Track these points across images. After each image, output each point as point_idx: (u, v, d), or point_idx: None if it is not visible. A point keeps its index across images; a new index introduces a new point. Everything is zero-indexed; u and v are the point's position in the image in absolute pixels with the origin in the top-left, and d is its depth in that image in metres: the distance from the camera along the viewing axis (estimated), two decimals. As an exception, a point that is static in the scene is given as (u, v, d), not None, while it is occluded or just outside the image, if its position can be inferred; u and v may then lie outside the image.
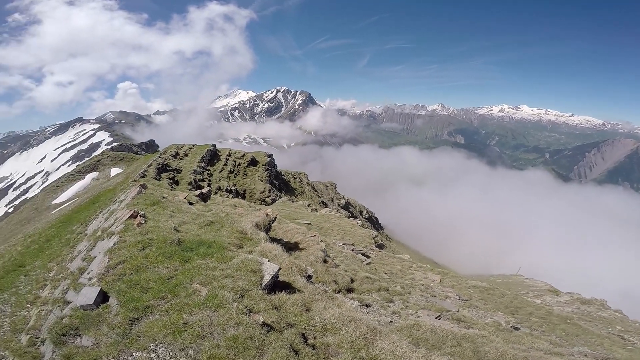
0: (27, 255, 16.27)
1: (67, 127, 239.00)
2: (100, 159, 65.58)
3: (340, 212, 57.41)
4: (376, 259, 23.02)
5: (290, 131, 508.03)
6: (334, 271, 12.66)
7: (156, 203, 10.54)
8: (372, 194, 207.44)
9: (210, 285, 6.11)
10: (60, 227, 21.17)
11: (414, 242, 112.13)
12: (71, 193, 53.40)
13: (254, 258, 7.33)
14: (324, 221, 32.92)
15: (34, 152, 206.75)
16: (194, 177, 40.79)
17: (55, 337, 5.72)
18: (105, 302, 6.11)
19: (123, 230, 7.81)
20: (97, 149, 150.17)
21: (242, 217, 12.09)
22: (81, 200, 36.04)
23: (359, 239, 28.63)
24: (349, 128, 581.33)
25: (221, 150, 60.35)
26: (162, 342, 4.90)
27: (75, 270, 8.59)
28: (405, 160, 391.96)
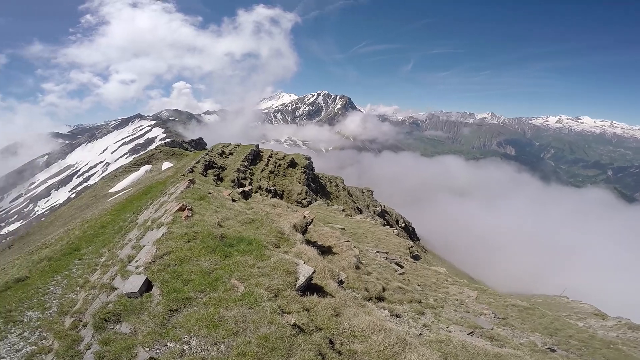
0: (83, 240, 17.36)
1: (128, 122, 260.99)
2: (154, 153, 70.62)
3: (375, 219, 56.41)
4: (410, 269, 22.39)
5: (328, 135, 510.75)
6: (365, 278, 12.48)
7: (202, 198, 10.96)
8: (410, 203, 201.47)
9: (247, 282, 6.20)
10: (115, 215, 22.71)
11: (451, 255, 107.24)
12: (126, 183, 58.00)
13: (291, 259, 7.34)
14: (358, 227, 32.53)
15: (98, 144, 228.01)
16: (237, 175, 42.38)
17: (97, 322, 5.96)
18: (149, 291, 6.32)
19: (171, 222, 8.16)
20: (152, 144, 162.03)
21: (281, 217, 12.22)
22: (134, 191, 38.94)
23: (394, 248, 27.94)
24: (390, 134, 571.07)
25: (263, 151, 62.17)
26: (197, 335, 4.98)
27: (124, 257, 9.07)
28: (449, 170, 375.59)
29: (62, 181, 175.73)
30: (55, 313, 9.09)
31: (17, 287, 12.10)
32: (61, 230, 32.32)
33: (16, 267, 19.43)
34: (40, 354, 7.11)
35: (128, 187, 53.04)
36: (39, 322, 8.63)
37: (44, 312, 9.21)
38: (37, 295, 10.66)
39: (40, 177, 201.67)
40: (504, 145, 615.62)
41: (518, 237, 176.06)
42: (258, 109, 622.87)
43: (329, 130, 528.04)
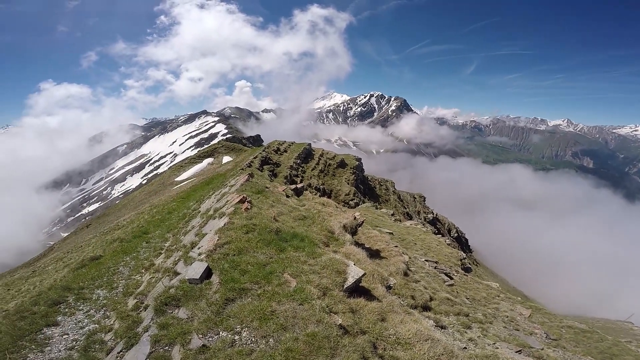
0: (151, 224, 18.66)
1: (194, 117, 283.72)
2: (216, 147, 75.79)
3: (426, 226, 54.16)
4: (459, 281, 21.31)
5: (380, 137, 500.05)
6: (413, 286, 12.15)
7: (260, 192, 11.47)
8: (465, 212, 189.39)
9: (299, 279, 6.31)
10: (180, 203, 24.55)
11: (506, 270, 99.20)
12: (191, 173, 63.01)
13: (341, 259, 7.34)
14: (407, 233, 31.53)
15: (168, 136, 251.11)
16: (289, 172, 43.70)
17: (157, 306, 6.21)
18: (209, 278, 6.57)
19: (232, 213, 8.65)
20: (215, 139, 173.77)
21: (331, 216, 12.34)
22: (198, 181, 42.16)
23: (444, 258, 26.68)
24: (448, 138, 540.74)
25: (315, 150, 63.17)
26: (248, 326, 5.11)
27: (187, 243, 9.47)
28: (514, 180, 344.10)
29: (137, 168, 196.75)
30: (120, 293, 9.49)
31: (91, 265, 13.27)
32: (132, 213, 36.14)
33: (92, 245, 22.03)
34: (101, 333, 7.41)
35: (192, 177, 57.57)
36: (105, 301, 9.13)
37: (111, 292, 9.72)
38: (107, 274, 11.31)
39: (119, 163, 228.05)
40: (581, 157, 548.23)
41: (586, 257, 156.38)
42: (311, 108, 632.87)
43: (381, 132, 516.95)
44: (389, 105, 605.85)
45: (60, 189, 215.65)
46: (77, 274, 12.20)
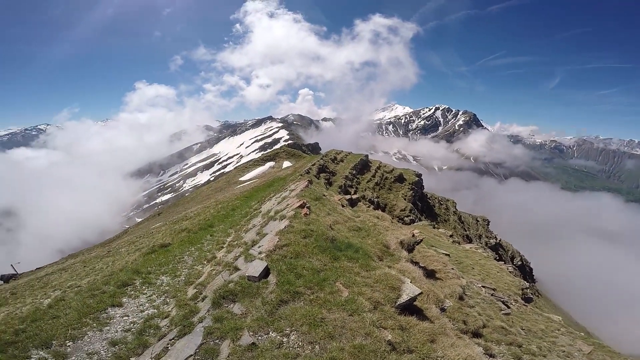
0: (216, 218, 19.68)
1: (261, 123, 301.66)
2: (278, 152, 79.54)
3: (486, 251, 50.06)
4: (517, 311, 19.85)
5: (444, 153, 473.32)
6: (467, 311, 11.52)
7: (318, 199, 11.80)
8: (533, 240, 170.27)
9: (351, 289, 6.30)
10: (243, 201, 26.00)
11: (571, 304, 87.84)
12: (253, 174, 66.86)
13: (397, 275, 7.20)
14: (465, 256, 29.63)
15: (237, 139, 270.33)
16: (344, 182, 43.96)
17: (215, 298, 6.40)
18: (266, 277, 6.78)
19: (293, 217, 9.04)
20: (277, 144, 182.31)
21: (388, 231, 12.18)
22: (259, 182, 44.59)
23: (504, 286, 24.81)
24: (522, 159, 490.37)
25: (372, 162, 62.59)
26: (297, 330, 5.14)
27: (248, 241, 9.89)
28: (599, 210, 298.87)
29: (207, 165, 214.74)
30: (182, 282, 9.73)
31: (160, 251, 14.14)
32: (199, 206, 39.42)
33: (162, 233, 24.24)
34: (158, 318, 7.57)
35: (254, 178, 61.05)
36: (168, 287, 9.49)
37: (174, 279, 10.11)
38: (173, 262, 11.82)
39: (193, 160, 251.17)
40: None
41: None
42: (370, 119, 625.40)
43: (445, 148, 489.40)
44: (455, 120, 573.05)
45: (142, 178, 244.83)
46: (147, 259, 13.02)
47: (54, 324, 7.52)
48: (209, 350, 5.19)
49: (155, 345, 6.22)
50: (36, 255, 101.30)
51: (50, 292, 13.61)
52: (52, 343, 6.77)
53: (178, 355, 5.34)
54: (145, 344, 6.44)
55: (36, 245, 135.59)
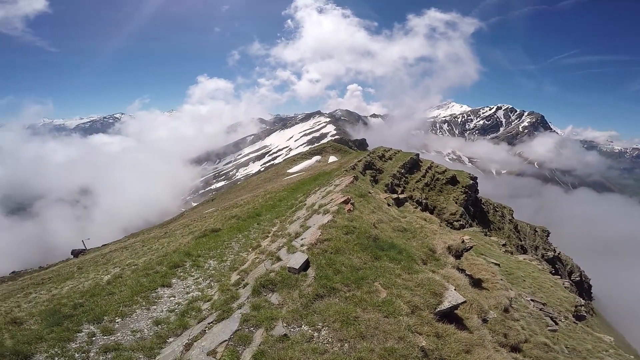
0: (263, 208, 20.42)
1: (309, 117, 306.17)
2: (325, 147, 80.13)
3: (542, 263, 45.88)
4: (565, 329, 18.85)
5: (505, 156, 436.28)
6: (510, 324, 10.92)
7: (363, 196, 11.58)
8: (598, 256, 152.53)
9: (389, 291, 6.11)
10: (289, 193, 26.63)
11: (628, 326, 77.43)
12: (300, 167, 68.19)
13: (440, 281, 6.85)
14: (517, 268, 27.76)
15: (287, 132, 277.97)
16: (391, 181, 42.81)
17: (256, 286, 6.55)
18: (306, 270, 6.82)
19: (336, 212, 8.97)
20: (324, 138, 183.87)
21: (435, 234, 11.59)
22: (306, 175, 45.33)
23: (556, 301, 23.28)
24: (596, 167, 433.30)
25: (423, 161, 60.14)
26: (329, 326, 5.10)
27: (292, 232, 10.02)
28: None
29: (258, 157, 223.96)
30: (227, 267, 10.02)
31: (210, 236, 14.91)
32: (249, 195, 41.17)
33: (213, 218, 25.68)
34: (201, 301, 7.83)
35: (301, 171, 62.23)
36: (214, 271, 9.88)
37: (220, 264, 10.52)
38: (221, 247, 12.34)
39: (246, 150, 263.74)
40: None
41: None
42: (423, 116, 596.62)
43: (506, 151, 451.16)
44: (520, 121, 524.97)
45: (200, 165, 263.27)
46: (198, 242, 13.74)
47: (108, 300, 8.11)
48: (242, 337, 5.32)
49: (194, 327, 6.41)
50: (104, 232, 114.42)
51: (111, 268, 14.90)
52: (103, 318, 7.24)
53: (213, 340, 5.48)
54: (186, 326, 6.70)
55: (105, 222, 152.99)
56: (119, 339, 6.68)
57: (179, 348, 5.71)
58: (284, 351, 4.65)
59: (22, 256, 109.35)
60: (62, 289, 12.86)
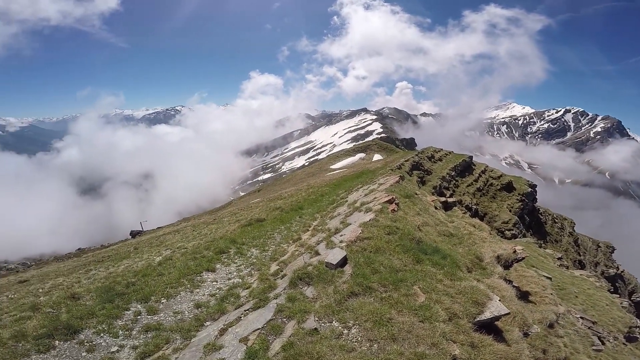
0: (306, 202, 20.76)
1: (355, 114, 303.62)
2: (370, 144, 78.97)
3: (600, 281, 41.12)
4: (611, 349, 17.49)
5: (570, 163, 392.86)
6: (552, 340, 10.19)
7: (409, 197, 11.21)
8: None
9: (428, 295, 5.92)
10: (331, 188, 26.73)
11: None
12: (343, 164, 68.02)
13: (484, 290, 6.47)
14: (571, 283, 25.73)
15: (332, 128, 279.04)
16: (440, 183, 40.95)
17: (293, 278, 6.65)
18: (343, 266, 6.81)
19: (379, 211, 8.81)
20: (369, 136, 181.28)
21: (485, 242, 10.89)
22: (348, 172, 45.13)
23: (608, 320, 21.68)
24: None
25: (476, 165, 56.67)
26: (360, 325, 5.06)
27: (332, 228, 10.09)
28: None
29: (303, 151, 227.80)
30: (268, 257, 10.23)
31: (255, 225, 15.41)
32: (293, 188, 42.04)
33: (259, 208, 26.61)
34: (240, 288, 8.00)
35: (344, 167, 62.10)
36: (255, 260, 10.14)
37: (262, 253, 10.78)
38: (264, 237, 12.67)
39: (292, 145, 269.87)
40: None
41: None
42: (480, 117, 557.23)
43: (573, 158, 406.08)
44: (591, 126, 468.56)
45: (250, 157, 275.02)
46: (243, 231, 14.23)
47: (157, 281, 8.58)
48: (275, 327, 5.39)
49: (231, 313, 6.59)
50: (161, 214, 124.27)
51: (163, 250, 15.82)
52: (150, 298, 7.64)
53: (247, 327, 5.59)
54: (223, 311, 6.90)
55: (163, 205, 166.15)
56: (161, 319, 6.98)
57: (214, 332, 5.85)
58: (312, 345, 4.67)
59: (89, 234, 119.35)
60: (118, 268, 13.64)
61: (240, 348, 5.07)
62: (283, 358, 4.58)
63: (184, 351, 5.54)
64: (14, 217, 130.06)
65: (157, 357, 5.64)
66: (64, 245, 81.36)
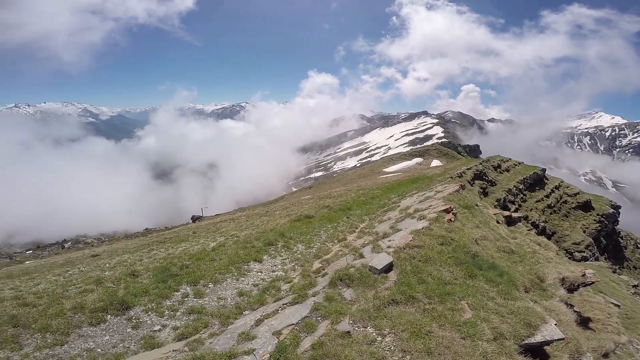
0: (355, 203, 20.73)
1: (414, 117, 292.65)
2: (429, 149, 75.71)
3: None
4: None
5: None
6: None
7: (468, 207, 10.64)
8: None
9: (476, 312, 5.60)
10: (383, 192, 26.27)
11: None
12: (398, 168, 66.28)
13: (540, 313, 5.96)
14: None
15: (387, 130, 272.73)
16: (505, 196, 37.82)
17: (333, 278, 6.65)
18: (387, 272, 6.63)
19: (434, 220, 8.50)
20: (429, 140, 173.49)
21: (550, 263, 9.96)
22: (403, 177, 43.86)
23: None
24: None
25: (549, 179, 51.22)
26: (396, 335, 4.89)
27: (380, 232, 9.91)
28: None
29: (356, 152, 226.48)
30: (312, 254, 10.28)
31: (303, 221, 15.77)
32: (342, 188, 42.10)
33: (308, 205, 27.11)
34: (282, 281, 8.09)
35: (398, 171, 60.49)
36: (300, 255, 10.30)
37: (307, 249, 10.93)
38: (310, 233, 12.90)
39: (345, 145, 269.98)
40: None
41: None
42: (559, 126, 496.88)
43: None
44: None
45: (305, 154, 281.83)
46: (292, 226, 14.59)
47: (208, 266, 9.02)
48: (308, 324, 5.40)
49: (270, 305, 6.69)
50: (221, 202, 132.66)
51: (218, 237, 16.72)
52: (199, 282, 8.02)
53: (282, 321, 5.66)
54: (263, 302, 7.05)
55: (223, 194, 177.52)
56: (205, 303, 7.26)
57: (250, 322, 5.95)
58: (341, 347, 4.60)
59: (157, 215, 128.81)
60: (176, 250, 14.32)
61: (272, 341, 5.13)
62: (310, 357, 4.55)
63: (219, 337, 5.67)
64: (98, 195, 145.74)
65: (193, 339, 5.83)
66: (135, 224, 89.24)
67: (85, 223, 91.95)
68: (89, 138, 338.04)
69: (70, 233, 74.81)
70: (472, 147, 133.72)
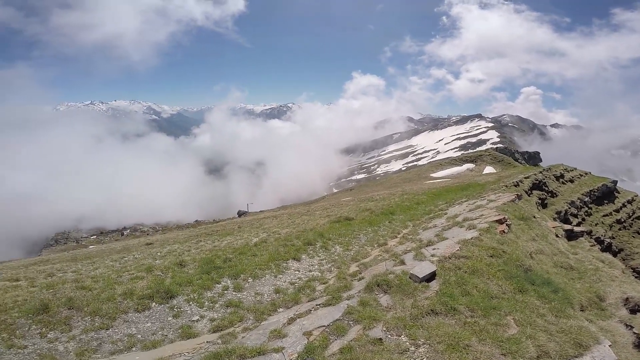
0: (398, 207, 20.27)
1: (467, 120, 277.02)
2: (482, 154, 71.56)
3: None
4: None
5: None
6: None
7: (524, 219, 10.14)
8: None
9: (522, 328, 5.38)
10: (429, 198, 25.32)
11: None
12: (447, 173, 63.60)
13: (594, 332, 5.62)
14: None
15: (436, 134, 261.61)
16: (567, 208, 34.65)
17: (370, 283, 6.53)
18: (429, 282, 6.43)
19: (485, 230, 8.25)
20: (482, 145, 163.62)
21: (614, 282, 9.23)
22: (452, 183, 42.05)
23: None
24: None
25: (621, 192, 45.87)
26: (431, 346, 4.71)
27: (424, 239, 9.66)
28: None
29: (402, 155, 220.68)
30: (350, 256, 10.21)
31: (343, 222, 15.75)
32: (385, 192, 41.44)
33: (349, 207, 26.98)
34: (318, 282, 8.13)
35: (447, 177, 58.08)
36: (337, 257, 10.34)
37: (345, 252, 10.95)
38: (349, 236, 12.84)
39: (390, 147, 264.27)
40: None
41: None
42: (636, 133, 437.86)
43: None
44: None
45: (348, 155, 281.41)
46: (331, 227, 14.64)
47: (250, 261, 9.34)
48: (339, 327, 5.33)
49: (304, 304, 6.70)
50: (267, 199, 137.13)
51: (261, 233, 17.20)
52: (240, 276, 8.29)
53: (314, 322, 5.66)
54: (297, 301, 7.11)
55: (269, 191, 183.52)
56: (243, 297, 7.42)
57: (283, 320, 5.96)
58: (370, 354, 4.49)
59: (207, 209, 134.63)
60: (221, 243, 14.61)
61: (301, 341, 5.12)
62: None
63: (251, 332, 5.72)
64: (156, 188, 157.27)
65: (227, 332, 5.95)
66: (187, 216, 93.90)
67: (143, 212, 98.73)
68: (152, 134, 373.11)
69: (129, 221, 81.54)
70: (532, 154, 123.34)
